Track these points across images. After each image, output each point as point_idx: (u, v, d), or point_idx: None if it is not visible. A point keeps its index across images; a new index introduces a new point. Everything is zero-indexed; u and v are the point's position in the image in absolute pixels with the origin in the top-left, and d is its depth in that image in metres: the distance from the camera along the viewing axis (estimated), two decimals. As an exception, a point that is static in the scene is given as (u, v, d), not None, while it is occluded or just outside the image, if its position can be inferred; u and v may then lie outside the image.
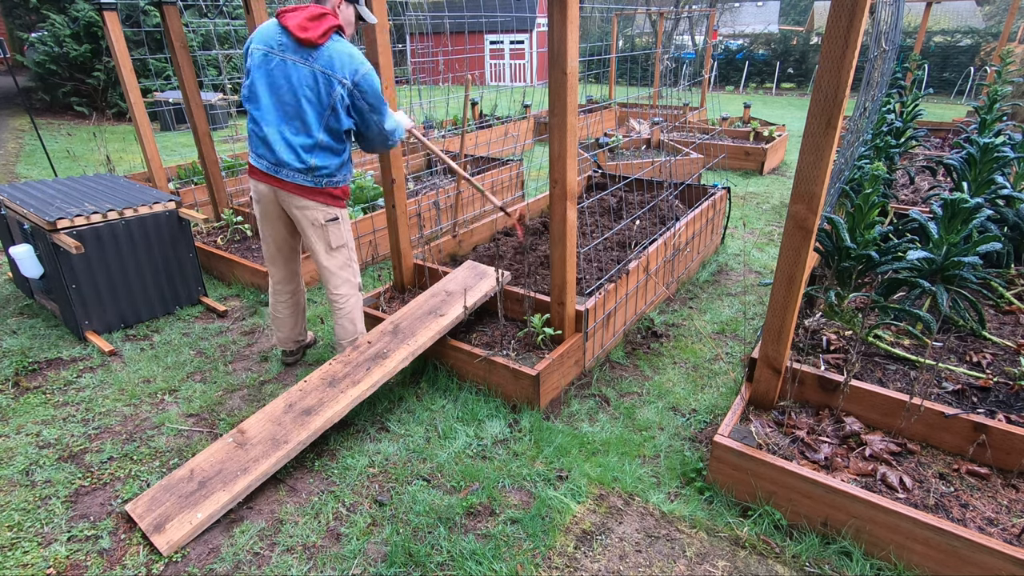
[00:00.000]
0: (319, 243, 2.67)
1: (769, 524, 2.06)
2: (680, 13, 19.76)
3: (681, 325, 3.55)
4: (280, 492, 2.28)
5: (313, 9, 2.41)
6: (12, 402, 2.83)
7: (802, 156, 1.94)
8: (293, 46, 2.39)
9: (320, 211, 2.60)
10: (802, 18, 32.88)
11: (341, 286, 2.78)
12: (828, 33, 1.78)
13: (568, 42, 2.28)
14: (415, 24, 8.37)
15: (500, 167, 5.71)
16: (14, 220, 3.52)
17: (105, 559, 1.99)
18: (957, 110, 12.91)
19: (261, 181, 2.59)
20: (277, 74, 2.42)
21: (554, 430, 2.57)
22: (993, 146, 3.54)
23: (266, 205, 2.67)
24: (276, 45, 2.41)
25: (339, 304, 2.80)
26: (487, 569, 1.91)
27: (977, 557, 1.72)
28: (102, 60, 10.91)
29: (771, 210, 5.77)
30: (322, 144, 2.49)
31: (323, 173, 2.53)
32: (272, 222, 2.73)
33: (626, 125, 8.83)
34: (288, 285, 2.92)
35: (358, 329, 2.87)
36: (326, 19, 2.40)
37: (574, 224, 2.67)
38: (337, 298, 2.79)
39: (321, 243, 2.67)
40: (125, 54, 4.29)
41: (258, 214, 2.72)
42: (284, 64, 2.41)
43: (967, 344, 2.72)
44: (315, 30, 2.37)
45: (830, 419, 2.36)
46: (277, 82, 2.42)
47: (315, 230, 2.64)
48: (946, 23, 20.18)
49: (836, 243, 2.86)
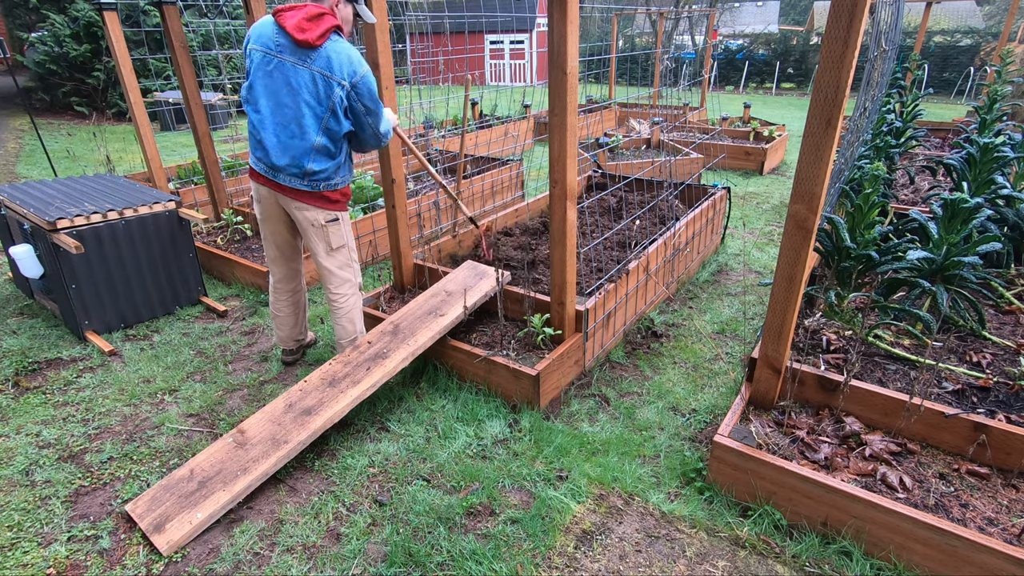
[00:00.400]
0: (319, 243, 2.67)
1: (769, 524, 2.06)
2: (680, 13, 19.75)
3: (681, 325, 3.55)
4: (280, 492, 2.28)
5: (311, 8, 2.37)
6: (12, 402, 2.83)
7: (802, 156, 1.94)
8: (291, 47, 2.36)
9: (320, 213, 2.60)
10: (802, 18, 32.88)
11: (341, 286, 2.77)
12: (828, 33, 1.78)
13: (568, 42, 2.28)
14: (415, 24, 8.37)
15: (500, 167, 5.71)
16: (14, 220, 3.52)
17: (105, 559, 1.99)
18: (957, 110, 12.91)
19: (261, 184, 2.59)
20: (276, 77, 2.40)
21: (554, 430, 2.57)
22: (993, 146, 3.54)
23: (267, 206, 2.67)
24: (274, 46, 2.38)
25: (338, 304, 2.79)
26: (487, 569, 1.91)
27: (977, 557, 1.72)
28: (102, 60, 10.91)
29: (771, 210, 5.77)
30: (319, 148, 2.46)
31: (320, 177, 2.52)
32: (273, 223, 2.73)
33: (626, 125, 8.83)
34: (289, 284, 2.92)
35: (357, 329, 2.87)
36: (324, 19, 2.37)
37: (574, 224, 2.67)
38: (336, 298, 2.78)
39: (321, 243, 2.67)
40: (125, 54, 4.29)
41: (259, 214, 2.72)
42: (282, 66, 2.38)
43: (967, 344, 2.72)
44: (313, 31, 2.33)
45: (830, 419, 2.36)
46: (275, 85, 2.40)
47: (315, 231, 2.63)
48: (946, 23, 20.18)
49: (836, 243, 2.86)
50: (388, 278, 4.04)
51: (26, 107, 7.51)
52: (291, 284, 2.93)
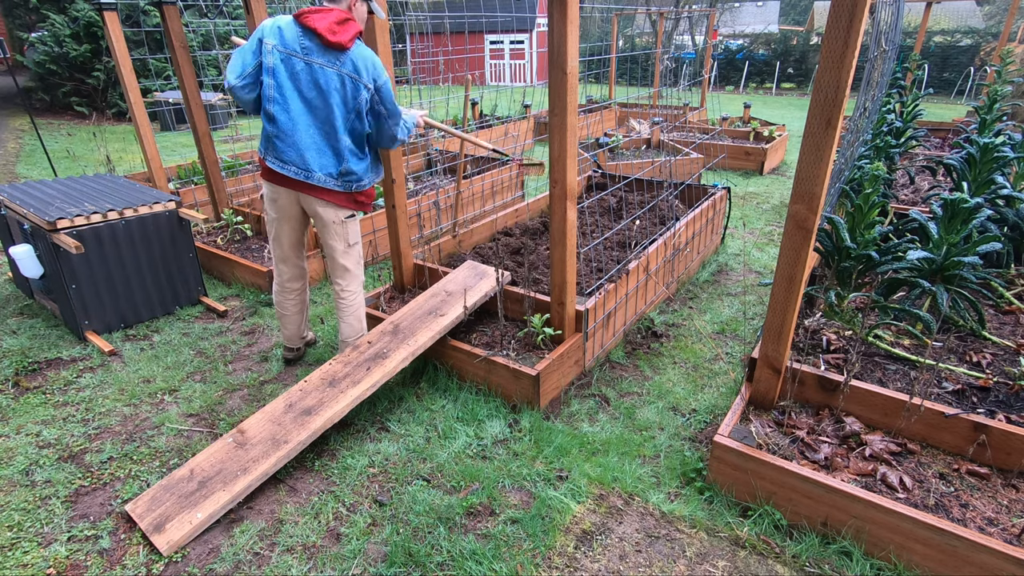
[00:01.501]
0: (339, 241, 2.71)
1: (769, 524, 2.06)
2: (680, 13, 19.75)
3: (681, 325, 3.55)
4: (280, 492, 2.28)
5: (339, 13, 2.41)
6: (12, 402, 2.83)
7: (802, 156, 1.94)
8: (319, 49, 2.39)
9: (342, 211, 2.66)
10: (802, 18, 32.88)
11: (352, 282, 2.82)
12: (828, 33, 1.78)
13: (568, 42, 2.28)
14: (415, 24, 8.37)
15: (500, 167, 5.71)
16: (14, 220, 3.52)
17: (105, 559, 1.99)
18: (957, 110, 12.91)
19: (282, 185, 2.59)
20: (304, 78, 2.41)
21: (554, 430, 2.57)
22: (993, 146, 3.54)
23: (284, 206, 2.68)
24: (299, 48, 2.39)
25: (348, 301, 2.83)
26: (487, 569, 1.91)
27: (977, 557, 1.72)
28: (102, 60, 10.91)
29: (771, 210, 5.77)
30: (350, 148, 2.52)
31: (353, 179, 2.58)
32: (288, 222, 2.74)
33: (626, 125, 8.83)
34: (297, 283, 2.95)
35: (364, 327, 2.91)
36: (352, 24, 2.43)
37: (574, 224, 2.67)
38: (348, 295, 2.82)
39: (340, 241, 2.71)
40: (125, 54, 4.29)
41: (274, 214, 2.72)
42: (310, 68, 2.40)
43: (967, 344, 2.72)
44: (344, 34, 2.38)
45: (830, 419, 2.36)
46: (305, 87, 2.42)
47: (336, 227, 2.67)
48: (946, 23, 20.18)
49: (836, 243, 2.86)
50: (388, 278, 4.04)
51: (26, 107, 7.51)
52: (299, 283, 2.95)
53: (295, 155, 2.49)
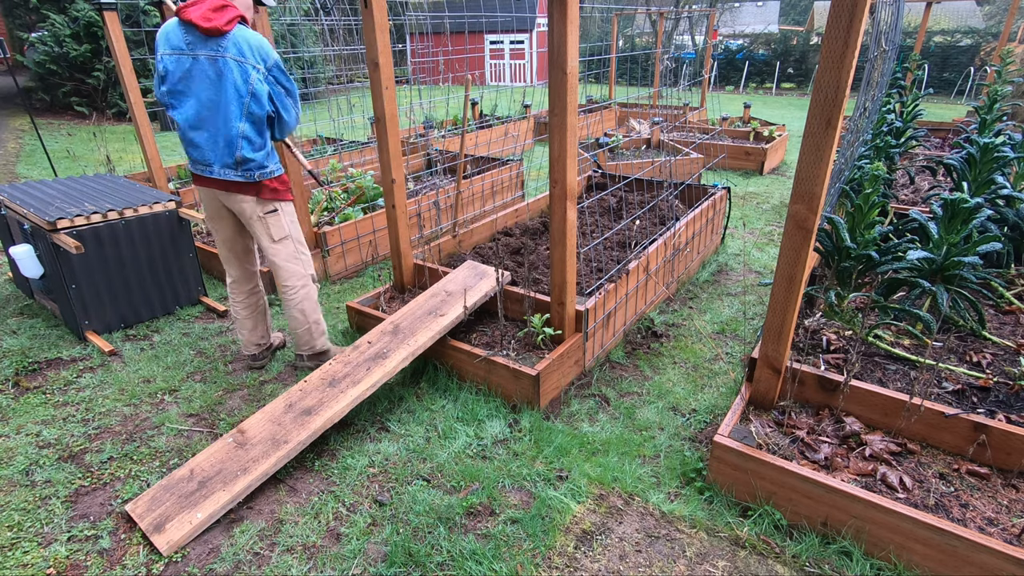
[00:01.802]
0: (263, 236, 2.72)
1: (769, 524, 2.06)
2: (680, 13, 19.76)
3: (681, 325, 3.55)
4: (280, 492, 2.28)
5: (213, 1, 2.41)
6: (12, 402, 2.83)
7: (802, 156, 1.94)
8: (200, 40, 2.40)
9: (259, 205, 2.65)
10: (802, 18, 32.88)
11: (289, 278, 2.81)
12: (828, 33, 1.78)
13: (568, 42, 2.28)
14: (415, 24, 8.37)
15: (500, 167, 5.71)
16: (14, 220, 3.52)
17: (105, 559, 1.99)
18: (957, 110, 12.91)
19: (201, 185, 2.65)
20: (194, 74, 2.43)
21: (554, 430, 2.57)
22: (993, 146, 3.54)
23: (210, 207, 2.72)
24: (185, 45, 2.41)
25: (287, 296, 2.84)
26: (487, 569, 1.91)
27: (977, 557, 1.72)
28: (102, 60, 10.91)
29: (771, 210, 5.77)
30: (244, 134, 2.50)
31: (253, 166, 2.56)
32: (218, 222, 2.77)
33: (626, 125, 8.83)
34: (244, 286, 2.94)
35: (310, 320, 2.90)
36: (229, 9, 2.42)
37: (574, 224, 2.67)
38: (285, 290, 2.83)
39: (264, 236, 2.72)
40: (125, 54, 4.29)
41: (205, 216, 2.78)
42: (196, 62, 2.41)
43: (967, 344, 2.72)
44: (220, 19, 2.38)
45: (830, 419, 2.36)
46: (194, 83, 2.44)
47: (257, 222, 2.68)
48: (946, 23, 20.18)
49: (836, 243, 2.86)
50: (388, 278, 4.04)
51: (26, 107, 7.50)
52: (246, 286, 2.95)
53: (197, 153, 2.54)
